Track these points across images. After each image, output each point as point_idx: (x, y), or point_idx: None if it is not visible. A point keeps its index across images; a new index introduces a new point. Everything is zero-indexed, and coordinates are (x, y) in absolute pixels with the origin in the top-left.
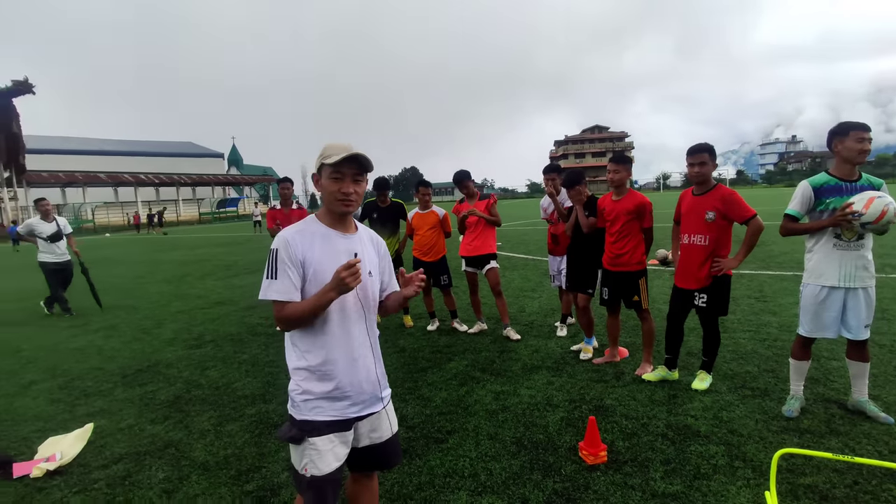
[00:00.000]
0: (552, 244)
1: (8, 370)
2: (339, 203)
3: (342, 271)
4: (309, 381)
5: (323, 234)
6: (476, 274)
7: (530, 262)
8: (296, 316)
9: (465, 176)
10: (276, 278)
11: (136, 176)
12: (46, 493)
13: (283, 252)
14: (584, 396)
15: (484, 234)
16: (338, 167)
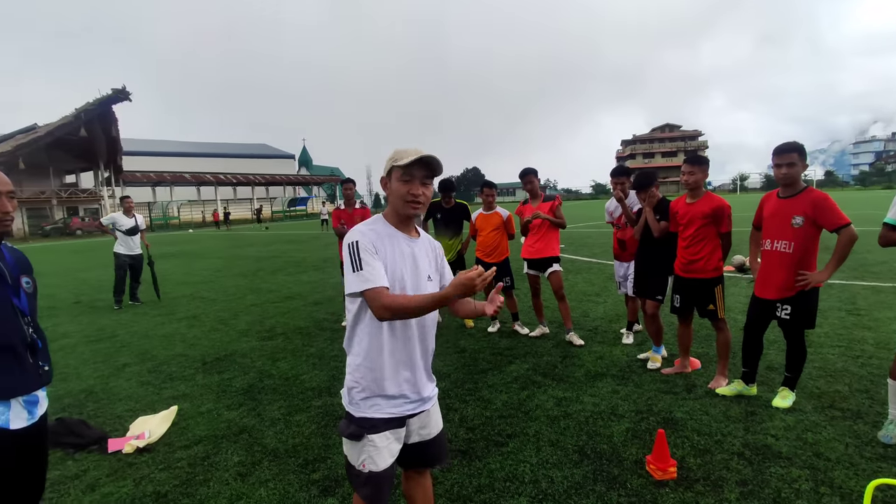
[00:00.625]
0: (618, 249)
1: (106, 353)
2: (408, 205)
3: (475, 277)
4: (366, 379)
5: (390, 235)
6: (538, 277)
7: (594, 266)
8: (405, 305)
9: (531, 171)
10: (362, 269)
11: (217, 176)
12: (136, 468)
13: (364, 245)
14: (652, 408)
15: (547, 236)
16: (408, 169)
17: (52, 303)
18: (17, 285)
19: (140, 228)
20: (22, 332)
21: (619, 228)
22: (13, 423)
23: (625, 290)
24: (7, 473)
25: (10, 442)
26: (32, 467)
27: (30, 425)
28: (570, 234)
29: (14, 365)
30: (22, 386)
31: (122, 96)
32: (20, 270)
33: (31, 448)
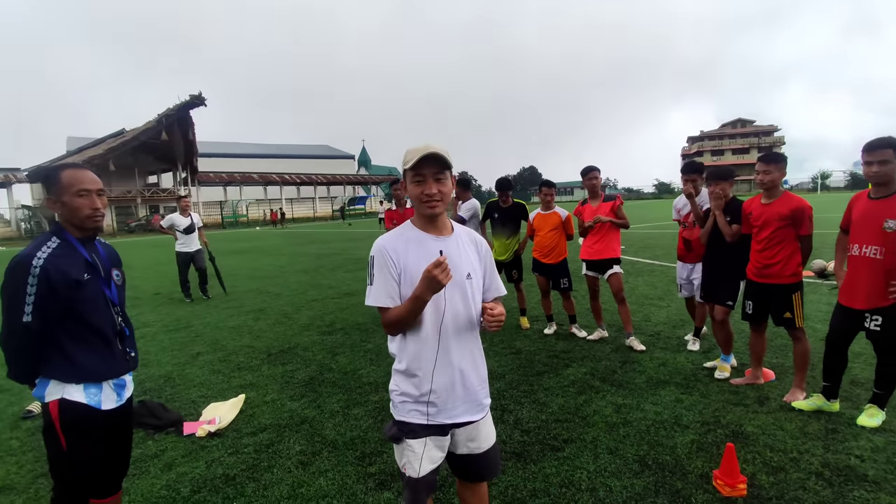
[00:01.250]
0: (683, 250)
1: (182, 342)
2: (425, 205)
3: (431, 269)
4: (405, 384)
5: (416, 239)
6: (597, 279)
7: (657, 268)
8: (394, 320)
9: (595, 168)
10: (372, 284)
11: (282, 176)
12: (207, 451)
13: (379, 259)
14: (720, 420)
15: (608, 236)
16: (417, 170)
17: (135, 293)
18: (109, 277)
19: (197, 226)
20: (112, 321)
21: (686, 227)
22: (104, 404)
23: (686, 293)
24: (98, 448)
25: (102, 421)
26: (119, 445)
27: (118, 407)
28: (631, 234)
29: (105, 351)
30: (112, 370)
31: (198, 102)
32: (112, 264)
33: (119, 428)
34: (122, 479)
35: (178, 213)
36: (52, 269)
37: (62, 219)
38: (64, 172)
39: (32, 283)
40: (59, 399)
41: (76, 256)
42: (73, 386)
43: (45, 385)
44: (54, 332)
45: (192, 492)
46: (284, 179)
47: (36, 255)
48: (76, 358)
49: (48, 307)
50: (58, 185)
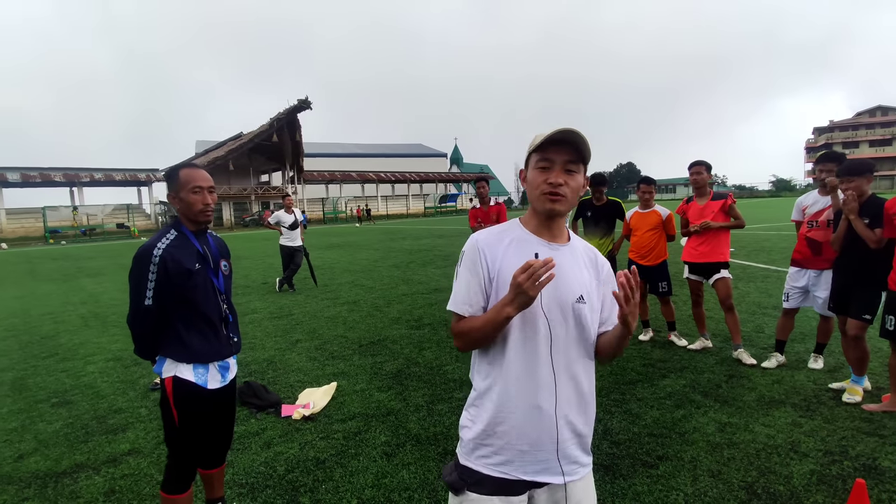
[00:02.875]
0: (808, 252)
1: (284, 328)
2: (545, 198)
3: (518, 274)
4: (479, 420)
5: (520, 240)
6: (701, 283)
7: (772, 274)
8: (467, 333)
9: (702, 162)
10: (455, 283)
11: (378, 174)
12: (301, 434)
13: (470, 256)
14: (848, 450)
15: (715, 237)
16: (545, 152)
17: (246, 282)
18: (218, 268)
19: (301, 221)
20: (219, 308)
21: (815, 227)
22: (210, 384)
23: (793, 303)
24: (204, 424)
25: (208, 399)
26: (223, 422)
27: (222, 387)
28: (743, 236)
29: (212, 335)
30: (217, 353)
31: (304, 105)
32: (221, 255)
33: (223, 406)
34: (227, 453)
35: (283, 210)
36: (168, 259)
37: (180, 213)
38: (182, 171)
39: (153, 270)
40: (173, 376)
41: (189, 248)
42: (184, 365)
43: (163, 362)
44: (170, 316)
45: (287, 471)
46: (380, 177)
47: (156, 246)
48: (187, 340)
49: (165, 293)
50: (176, 182)
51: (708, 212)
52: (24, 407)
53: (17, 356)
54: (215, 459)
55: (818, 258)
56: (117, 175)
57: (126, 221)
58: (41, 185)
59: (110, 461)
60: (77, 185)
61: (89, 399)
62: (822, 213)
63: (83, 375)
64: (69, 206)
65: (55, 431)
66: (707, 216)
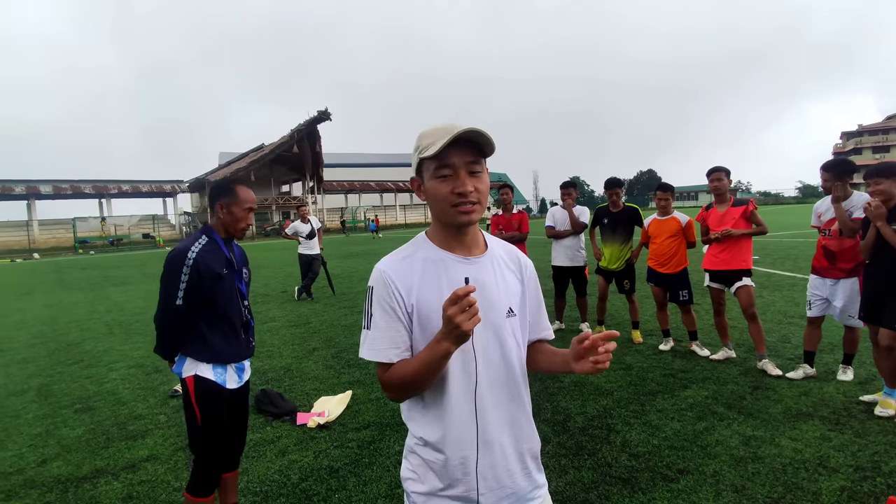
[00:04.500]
0: (825, 262)
1: (301, 337)
2: (456, 211)
3: (447, 307)
4: (424, 468)
5: (434, 261)
6: (723, 291)
7: (798, 282)
8: (400, 382)
9: (721, 168)
10: (369, 328)
11: (396, 184)
12: (316, 442)
13: (378, 293)
14: (880, 466)
15: (737, 244)
16: (442, 157)
17: (266, 291)
18: (241, 274)
19: (316, 228)
20: (241, 312)
21: (828, 236)
22: (228, 384)
23: (817, 311)
24: (226, 421)
25: (226, 399)
26: (237, 424)
27: (238, 388)
28: (768, 243)
29: (232, 337)
30: (236, 355)
31: (324, 117)
32: (242, 262)
33: (238, 406)
34: (240, 456)
35: (300, 220)
36: (201, 262)
37: (218, 222)
38: (240, 188)
39: (186, 272)
40: (194, 375)
41: (220, 253)
42: (204, 364)
43: (183, 362)
44: (194, 317)
45: (301, 479)
46: (398, 187)
47: (191, 249)
48: (210, 340)
49: (194, 294)
50: (233, 196)
51: (728, 218)
52: (49, 412)
53: (44, 363)
54: (230, 463)
55: (833, 267)
56: (144, 187)
57: (151, 232)
58: (72, 196)
59: (129, 467)
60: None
61: (111, 405)
62: (835, 222)
63: (106, 382)
64: (98, 217)
65: (77, 437)
66: (728, 223)
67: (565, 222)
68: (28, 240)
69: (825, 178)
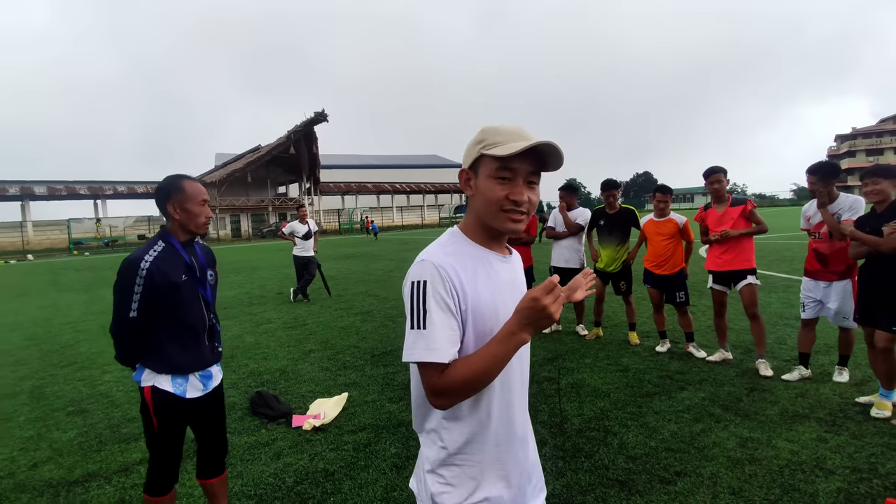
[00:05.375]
0: (816, 264)
1: (297, 338)
2: (506, 217)
3: (543, 297)
4: (462, 476)
5: (477, 257)
6: (725, 294)
7: (794, 284)
8: (464, 382)
9: (719, 169)
10: (424, 326)
11: (394, 185)
12: (311, 445)
13: (434, 286)
14: (877, 468)
15: (738, 244)
16: (507, 160)
17: (262, 292)
18: (205, 278)
19: (313, 231)
20: (204, 319)
21: (818, 239)
22: (189, 393)
23: (811, 314)
24: (182, 430)
25: (184, 409)
26: (211, 429)
27: (204, 395)
28: (763, 245)
29: (194, 346)
30: (198, 364)
31: (321, 118)
32: (208, 264)
33: (207, 413)
34: (224, 460)
35: (298, 221)
36: (156, 272)
37: (177, 223)
38: (187, 183)
39: (139, 282)
40: (152, 386)
41: (177, 259)
42: (163, 376)
43: (142, 372)
44: (153, 327)
45: (296, 482)
46: (395, 188)
47: (144, 258)
48: (167, 351)
49: (150, 304)
50: (182, 193)
51: (727, 218)
52: (41, 415)
53: (37, 365)
54: (214, 468)
55: (825, 270)
56: (139, 188)
57: (147, 233)
58: (66, 197)
59: (122, 470)
60: (101, 198)
61: (104, 408)
62: (824, 225)
63: (99, 384)
64: (93, 219)
65: (70, 440)
66: (726, 223)
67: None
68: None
69: (811, 181)
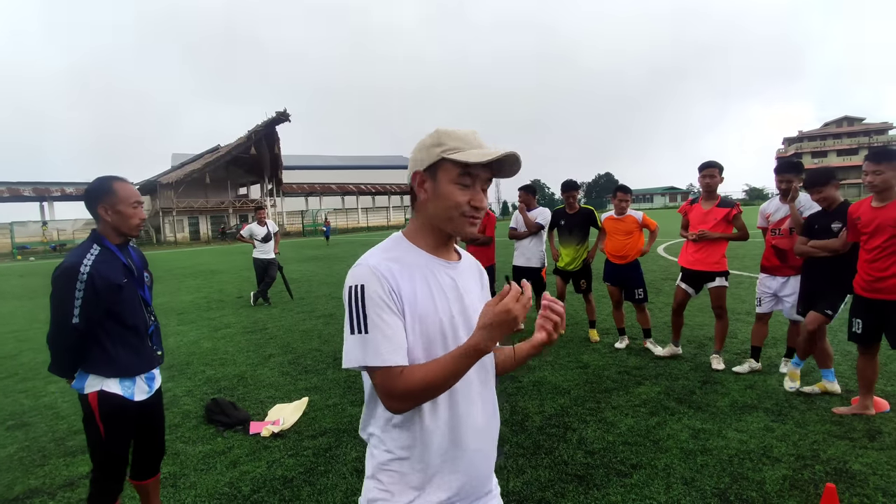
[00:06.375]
0: (775, 260)
1: (257, 343)
2: (466, 221)
3: (512, 304)
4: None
5: (422, 266)
6: (688, 296)
7: (745, 280)
8: (424, 386)
9: (714, 164)
10: (366, 331)
11: (358, 186)
12: (269, 451)
13: (374, 290)
14: (819, 454)
15: (712, 245)
16: (472, 168)
17: (220, 296)
18: (142, 279)
19: (272, 232)
20: (145, 320)
21: (778, 235)
22: (136, 396)
23: (766, 308)
24: (130, 434)
25: (135, 411)
26: (152, 432)
27: (148, 398)
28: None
29: (139, 348)
30: (143, 366)
31: (283, 118)
32: (142, 266)
33: (150, 416)
34: (160, 462)
35: (256, 223)
36: (96, 275)
37: (109, 226)
38: (118, 184)
39: (80, 287)
40: (98, 391)
41: (116, 262)
42: (111, 380)
43: (85, 378)
44: (96, 332)
45: (252, 491)
46: (360, 189)
47: (83, 263)
48: (113, 355)
49: (92, 309)
50: (114, 196)
51: (710, 218)
52: None
53: None
54: (149, 469)
55: (784, 265)
56: None
57: None
58: (9, 200)
59: (67, 485)
60: (47, 200)
61: (48, 420)
62: (784, 221)
63: (43, 395)
64: (38, 222)
65: (9, 455)
66: (708, 223)
67: None
68: None
69: (784, 179)
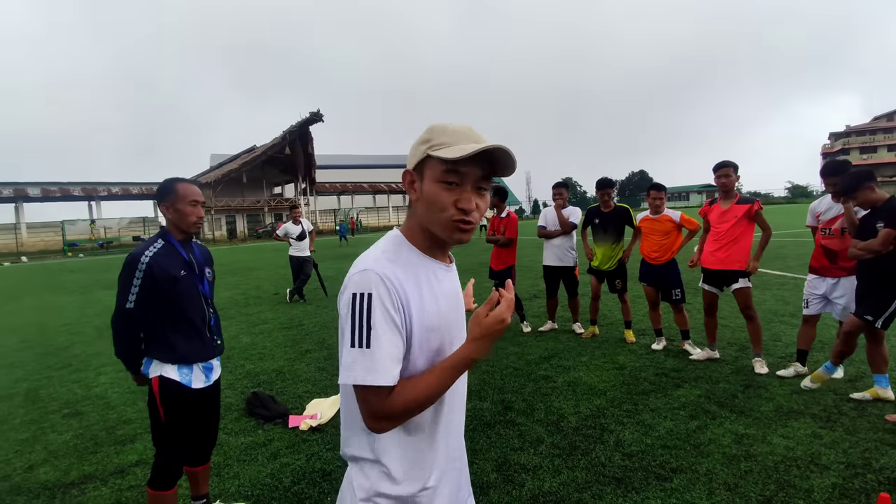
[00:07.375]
0: (824, 261)
1: (294, 339)
2: (454, 226)
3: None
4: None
5: (423, 268)
6: (716, 296)
7: (789, 281)
8: (414, 405)
9: (729, 164)
10: (369, 346)
11: (389, 185)
12: (308, 445)
13: (383, 299)
14: (871, 463)
15: (737, 242)
16: (457, 165)
17: (258, 293)
18: (203, 274)
19: (307, 230)
20: (203, 312)
21: (828, 235)
22: (194, 384)
23: (814, 310)
24: (187, 421)
25: (192, 399)
26: (207, 421)
27: (206, 387)
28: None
29: (196, 338)
30: (200, 355)
31: (316, 118)
32: (205, 262)
33: (206, 405)
34: (211, 451)
35: (291, 222)
36: (155, 266)
37: (171, 223)
38: (179, 185)
39: (138, 276)
40: (159, 376)
41: (176, 256)
42: (169, 366)
43: (150, 363)
44: (156, 320)
45: (293, 482)
46: (391, 188)
47: (144, 254)
48: (172, 342)
49: (149, 297)
50: (174, 194)
51: (730, 216)
52: (36, 418)
53: (32, 367)
54: (201, 457)
55: (834, 266)
56: (134, 189)
57: (142, 234)
58: (60, 199)
59: (118, 472)
60: (95, 199)
61: (100, 410)
62: (836, 221)
63: (95, 386)
64: (87, 220)
65: (65, 442)
66: (729, 221)
67: (556, 222)
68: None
69: (830, 182)
